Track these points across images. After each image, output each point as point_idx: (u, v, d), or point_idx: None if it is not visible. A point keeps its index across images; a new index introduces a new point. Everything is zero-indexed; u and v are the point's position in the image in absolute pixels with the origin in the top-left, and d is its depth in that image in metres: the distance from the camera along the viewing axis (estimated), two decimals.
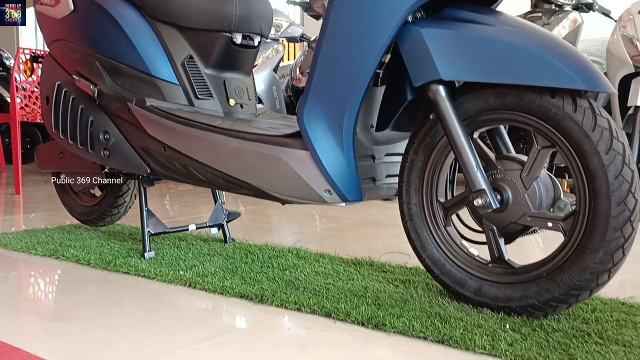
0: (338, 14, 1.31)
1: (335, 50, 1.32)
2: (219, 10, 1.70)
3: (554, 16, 3.24)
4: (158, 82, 1.73)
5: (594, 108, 1.16)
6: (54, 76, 1.96)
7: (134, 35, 1.74)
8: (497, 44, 1.20)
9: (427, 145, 1.37)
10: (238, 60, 1.79)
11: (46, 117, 2.00)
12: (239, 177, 1.52)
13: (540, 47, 1.17)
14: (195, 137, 1.57)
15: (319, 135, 1.36)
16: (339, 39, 1.32)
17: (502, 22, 1.24)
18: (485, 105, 1.27)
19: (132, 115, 1.72)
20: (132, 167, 1.79)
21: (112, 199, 2.16)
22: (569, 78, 1.13)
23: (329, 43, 1.33)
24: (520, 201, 1.26)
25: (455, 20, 1.27)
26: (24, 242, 2.09)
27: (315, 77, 1.35)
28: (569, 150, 1.17)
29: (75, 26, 1.86)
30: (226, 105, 1.76)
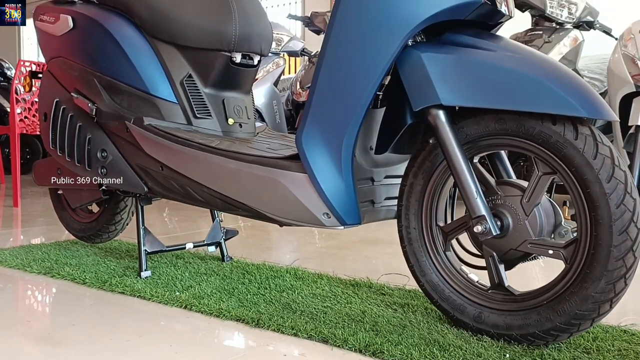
0: (338, 36, 1.30)
1: (334, 73, 1.31)
2: (219, 30, 1.69)
3: (554, 34, 3.24)
4: (156, 101, 1.72)
5: (595, 135, 1.14)
6: (52, 93, 1.95)
7: (133, 53, 1.74)
8: (498, 70, 1.19)
9: (426, 169, 1.36)
10: (237, 80, 1.78)
11: (44, 134, 1.99)
12: (236, 199, 1.50)
13: (541, 74, 1.16)
14: (193, 157, 1.56)
15: (318, 158, 1.34)
16: (338, 62, 1.31)
17: (503, 48, 1.24)
18: (485, 130, 1.26)
19: (130, 134, 1.70)
20: (130, 185, 1.78)
21: (109, 216, 2.15)
22: (570, 105, 1.12)
23: (328, 66, 1.32)
24: (520, 228, 1.24)
25: (455, 45, 1.26)
26: (20, 258, 2.07)
27: (314, 99, 1.34)
28: (570, 178, 1.16)
29: (74, 44, 1.85)
30: (225, 124, 1.75)
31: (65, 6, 1.90)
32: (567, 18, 3.27)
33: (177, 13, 1.72)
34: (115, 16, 1.80)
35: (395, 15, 1.24)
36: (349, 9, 1.28)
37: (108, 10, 1.82)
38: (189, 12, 1.72)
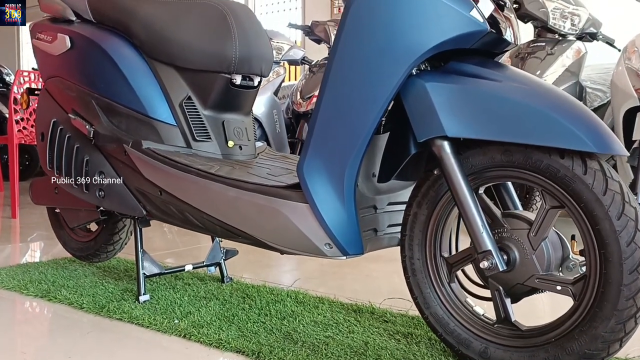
0: (341, 64, 1.27)
1: (336, 102, 1.28)
2: (219, 52, 1.66)
3: (557, 46, 3.20)
4: (155, 124, 1.69)
5: (604, 170, 1.11)
6: (49, 113, 1.93)
7: (131, 75, 1.71)
8: (504, 102, 1.16)
9: (430, 199, 1.33)
10: (237, 101, 1.76)
11: (41, 154, 1.96)
12: (236, 226, 1.47)
13: (549, 106, 1.13)
14: (192, 183, 1.53)
15: (319, 188, 1.31)
16: (340, 91, 1.28)
17: (509, 78, 1.21)
18: (491, 161, 1.23)
19: (128, 157, 1.68)
20: (128, 208, 1.75)
21: (107, 236, 2.12)
22: (578, 140, 1.09)
23: (331, 94, 1.29)
24: (527, 262, 1.21)
25: (460, 74, 1.23)
26: (17, 279, 2.04)
27: (316, 128, 1.31)
28: (578, 213, 1.13)
29: (72, 64, 1.82)
30: (225, 147, 1.72)
31: (63, 25, 1.87)
32: (570, 30, 3.24)
33: (177, 34, 1.69)
34: (114, 36, 1.77)
35: (399, 44, 1.21)
36: (352, 37, 1.25)
37: (106, 30, 1.79)
38: (189, 34, 1.69)
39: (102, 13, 1.81)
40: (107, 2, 1.79)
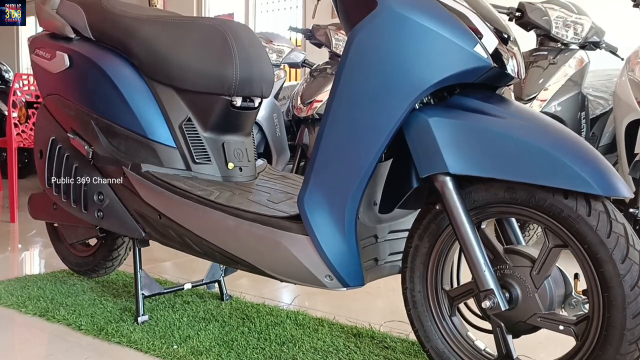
0: (343, 97, 1.25)
1: (338, 135, 1.27)
2: (219, 74, 1.65)
3: (560, 55, 3.18)
4: (155, 146, 1.68)
5: (609, 212, 1.10)
6: (48, 130, 1.91)
7: (130, 96, 1.69)
8: (508, 140, 1.14)
9: (432, 233, 1.32)
10: (238, 123, 1.74)
11: (40, 171, 1.95)
12: (236, 255, 1.46)
13: (554, 146, 1.12)
14: (192, 209, 1.51)
15: (320, 220, 1.30)
16: (343, 124, 1.26)
17: (513, 114, 1.19)
18: (494, 197, 1.21)
19: (128, 180, 1.66)
20: (127, 230, 1.74)
21: (106, 252, 2.11)
22: (583, 181, 1.08)
23: (333, 126, 1.27)
24: (530, 300, 1.20)
25: (464, 109, 1.21)
26: (15, 295, 2.03)
27: (318, 160, 1.30)
28: (582, 254, 1.12)
29: (71, 83, 1.80)
30: (225, 169, 1.71)
31: (62, 42, 1.85)
32: (573, 39, 3.22)
33: (177, 56, 1.67)
34: (113, 56, 1.75)
35: (402, 79, 1.19)
36: (355, 70, 1.23)
37: (106, 49, 1.77)
38: (189, 55, 1.67)
39: (102, 31, 1.78)
40: (106, 21, 1.77)
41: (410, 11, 1.18)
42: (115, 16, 1.76)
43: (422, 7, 1.18)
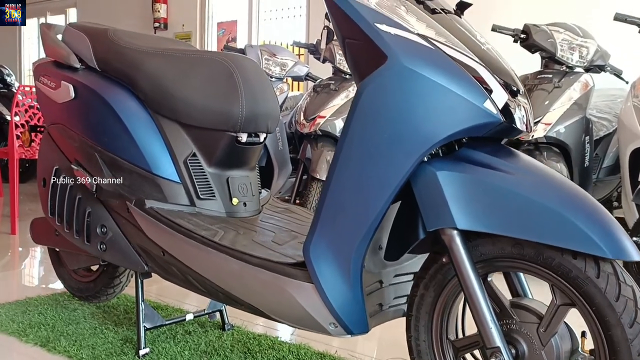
0: (351, 149, 1.25)
1: (345, 187, 1.26)
2: (225, 111, 1.64)
3: (565, 78, 3.17)
4: (159, 181, 1.67)
5: (618, 274, 1.09)
6: (52, 159, 1.90)
7: (135, 130, 1.68)
8: (516, 197, 1.13)
9: (438, 282, 1.31)
10: (242, 158, 1.73)
11: (42, 200, 1.94)
12: (240, 297, 1.46)
13: (562, 205, 1.11)
14: (195, 249, 1.50)
15: (326, 269, 1.29)
16: (350, 175, 1.25)
17: (521, 170, 1.18)
18: (501, 252, 1.21)
19: (131, 215, 1.65)
20: (129, 264, 1.73)
21: (107, 279, 2.10)
22: (592, 244, 1.07)
23: (340, 178, 1.27)
24: (536, 357, 1.19)
25: (472, 163, 1.20)
26: (16, 322, 2.02)
27: (324, 211, 1.29)
28: (590, 315, 1.11)
29: (75, 114, 1.80)
30: (229, 204, 1.70)
31: (67, 72, 1.84)
32: (578, 62, 3.21)
33: (182, 91, 1.66)
34: (118, 89, 1.74)
35: (411, 133, 1.18)
36: (364, 122, 1.23)
37: (111, 81, 1.76)
38: (195, 91, 1.66)
39: (107, 63, 1.78)
40: (112, 53, 1.76)
41: (420, 66, 1.17)
42: (121, 48, 1.75)
43: (432, 62, 1.17)
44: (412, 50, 1.18)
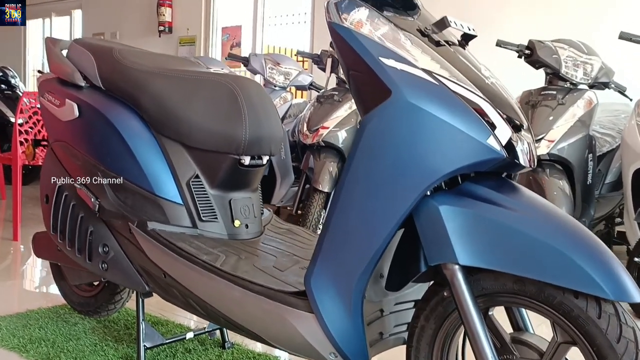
0: (354, 182, 1.25)
1: (348, 219, 1.26)
2: (228, 134, 1.64)
3: (568, 95, 3.16)
4: (162, 202, 1.67)
5: (619, 315, 1.09)
6: (55, 176, 1.90)
7: (138, 151, 1.68)
8: (518, 235, 1.13)
9: (438, 315, 1.31)
10: (245, 180, 1.73)
11: (45, 216, 1.94)
12: (241, 323, 1.46)
13: (565, 244, 1.11)
14: (197, 273, 1.51)
15: (326, 300, 1.29)
16: (352, 208, 1.25)
17: (524, 206, 1.18)
18: (503, 288, 1.20)
19: (133, 236, 1.66)
20: (131, 283, 1.73)
21: (108, 295, 2.10)
22: (594, 284, 1.07)
23: (343, 210, 1.27)
24: None
25: (475, 198, 1.20)
26: (17, 337, 2.03)
27: (326, 242, 1.29)
28: (591, 355, 1.11)
29: (79, 133, 1.80)
30: (231, 227, 1.70)
31: (72, 90, 1.85)
32: (582, 79, 3.20)
33: (186, 113, 1.66)
34: (122, 109, 1.74)
35: (415, 168, 1.18)
36: (367, 155, 1.23)
37: (115, 101, 1.77)
38: (198, 114, 1.66)
39: (112, 82, 1.78)
40: (117, 72, 1.77)
41: (424, 102, 1.17)
42: (126, 68, 1.76)
43: (436, 98, 1.17)
44: (416, 86, 1.18)
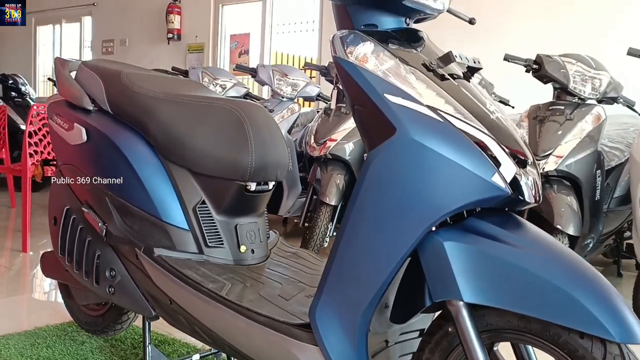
0: (359, 216, 1.25)
1: (352, 256, 1.26)
2: (234, 161, 1.65)
3: (577, 110, 3.14)
4: (168, 228, 1.68)
5: (624, 356, 1.09)
6: (63, 199, 1.92)
7: (146, 177, 1.70)
8: (523, 273, 1.13)
9: (443, 349, 1.31)
10: (251, 205, 1.74)
11: (53, 239, 1.96)
12: (246, 352, 1.46)
13: (571, 284, 1.10)
14: (203, 302, 1.51)
15: (331, 333, 1.30)
16: (357, 243, 1.26)
17: (529, 243, 1.18)
18: (508, 324, 1.20)
19: (140, 262, 1.67)
20: (138, 308, 1.74)
21: (115, 316, 2.12)
22: (599, 326, 1.06)
23: (347, 244, 1.27)
24: None
25: (480, 234, 1.20)
26: (25, 356, 2.05)
27: (331, 276, 1.29)
28: None
29: (87, 158, 1.81)
30: (237, 252, 1.71)
31: (80, 114, 1.86)
32: (590, 94, 3.19)
33: (193, 140, 1.67)
34: (130, 134, 1.75)
35: (419, 204, 1.19)
36: (373, 191, 1.23)
37: (123, 126, 1.78)
38: (205, 140, 1.67)
39: (120, 107, 1.79)
40: (125, 97, 1.78)
41: (429, 140, 1.17)
42: (134, 93, 1.77)
43: (440, 135, 1.18)
44: (420, 123, 1.19)
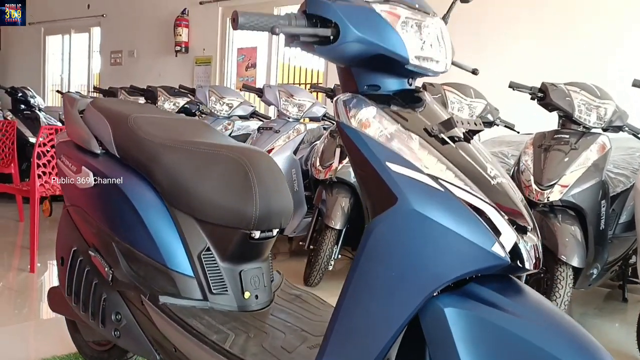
0: (358, 285, 1.27)
1: (352, 322, 1.28)
2: (239, 210, 1.67)
3: (582, 139, 3.14)
4: (173, 275, 1.70)
5: None
6: (70, 240, 1.95)
7: (151, 223, 1.72)
8: (523, 344, 1.14)
9: None
10: (255, 252, 1.76)
11: (61, 279, 1.99)
12: None
13: (570, 356, 1.12)
14: (206, 353, 1.53)
15: None
16: (357, 312, 1.28)
17: (529, 311, 1.19)
18: None
19: (145, 308, 1.69)
20: (143, 352, 1.77)
21: (121, 351, 2.14)
22: None
23: (347, 313, 1.29)
24: None
25: (479, 301, 1.22)
26: None
27: (331, 342, 1.31)
28: None
29: (94, 202, 1.84)
30: (241, 298, 1.73)
31: (88, 158, 1.89)
32: (596, 123, 3.19)
33: (197, 188, 1.70)
34: (136, 179, 1.78)
35: (420, 273, 1.20)
36: (373, 259, 1.25)
37: (129, 170, 1.80)
38: (210, 189, 1.70)
39: (127, 151, 1.82)
40: (131, 142, 1.81)
41: (429, 210, 1.19)
42: (141, 139, 1.79)
43: (440, 205, 1.19)
44: (421, 193, 1.20)
